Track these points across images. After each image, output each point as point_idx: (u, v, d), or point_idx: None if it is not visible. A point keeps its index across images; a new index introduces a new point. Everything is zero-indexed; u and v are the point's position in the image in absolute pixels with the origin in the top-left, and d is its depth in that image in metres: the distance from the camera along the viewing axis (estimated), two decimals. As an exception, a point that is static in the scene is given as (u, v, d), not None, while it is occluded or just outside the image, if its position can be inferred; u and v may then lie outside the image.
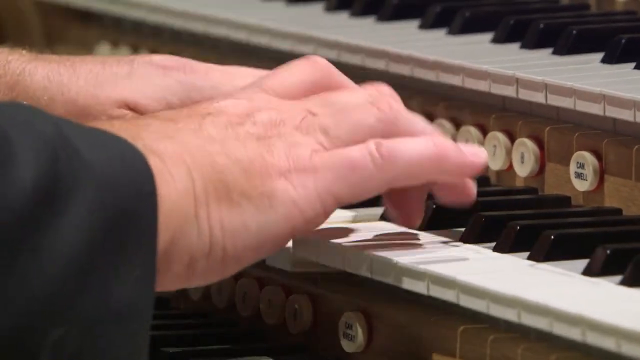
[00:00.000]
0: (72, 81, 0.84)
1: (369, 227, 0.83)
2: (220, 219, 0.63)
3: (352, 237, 0.79)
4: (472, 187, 0.74)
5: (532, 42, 0.95)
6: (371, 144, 0.69)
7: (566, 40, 0.92)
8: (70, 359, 0.54)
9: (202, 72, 0.85)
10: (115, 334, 0.56)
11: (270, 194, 0.66)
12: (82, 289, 0.54)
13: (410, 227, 0.78)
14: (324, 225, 0.77)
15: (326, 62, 0.77)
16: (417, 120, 0.75)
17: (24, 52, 0.87)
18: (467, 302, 0.68)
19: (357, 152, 0.69)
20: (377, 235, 0.80)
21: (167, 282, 0.62)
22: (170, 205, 0.60)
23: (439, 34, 1.03)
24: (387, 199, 0.77)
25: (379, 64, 0.98)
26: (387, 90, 0.74)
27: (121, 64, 0.86)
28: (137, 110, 0.82)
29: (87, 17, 1.42)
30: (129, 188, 0.57)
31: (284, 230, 0.68)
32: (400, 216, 0.77)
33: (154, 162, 0.60)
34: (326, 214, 0.70)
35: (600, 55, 0.90)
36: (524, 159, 0.86)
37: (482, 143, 0.90)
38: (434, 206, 0.80)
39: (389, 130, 0.71)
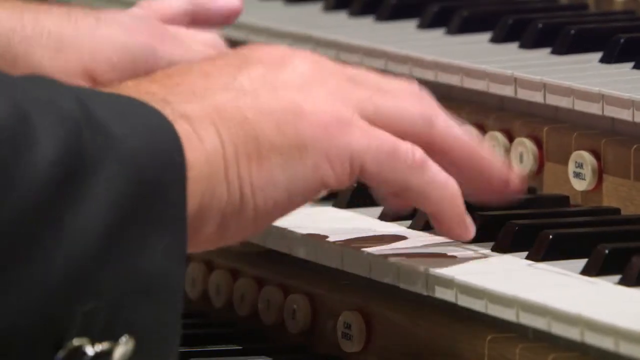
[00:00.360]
0: (35, 38, 0.82)
1: (367, 227, 0.83)
2: (250, 177, 0.63)
3: (351, 237, 0.79)
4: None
5: (531, 41, 0.95)
6: (417, 147, 0.68)
7: (565, 39, 0.92)
8: (101, 335, 0.53)
9: (169, 40, 0.85)
10: (145, 306, 0.55)
11: (301, 145, 0.65)
12: (108, 263, 0.54)
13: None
14: (323, 224, 0.77)
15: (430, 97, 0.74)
16: (456, 128, 0.73)
17: None
18: (465, 302, 0.68)
19: (404, 144, 0.67)
20: (375, 235, 0.80)
21: (200, 244, 0.62)
22: (200, 169, 0.60)
23: (438, 34, 1.03)
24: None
25: (378, 64, 0.98)
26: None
27: (86, 18, 0.84)
28: (95, 76, 0.81)
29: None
30: (156, 160, 0.57)
31: (312, 181, 0.66)
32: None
33: (181, 128, 0.59)
34: (351, 179, 0.68)
35: (598, 55, 0.89)
36: (522, 158, 0.86)
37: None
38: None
39: (427, 130, 0.70)
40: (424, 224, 0.80)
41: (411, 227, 0.81)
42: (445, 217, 0.71)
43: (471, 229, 0.72)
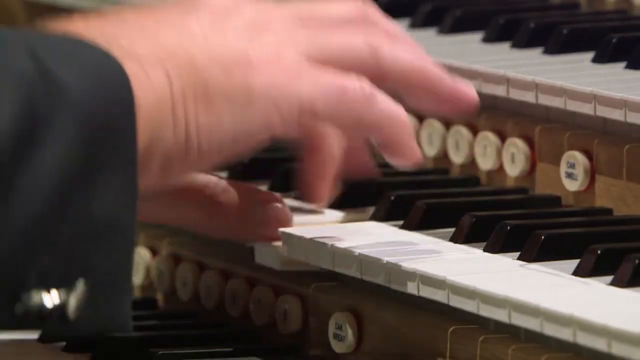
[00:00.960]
0: None
1: (358, 227, 0.83)
2: (197, 120, 0.64)
3: (341, 237, 0.79)
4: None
5: (523, 41, 0.95)
6: (365, 81, 0.69)
7: (557, 39, 0.92)
8: (57, 283, 0.54)
9: None
10: (99, 251, 0.56)
11: (249, 89, 0.66)
12: (64, 214, 0.55)
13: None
14: (314, 226, 0.77)
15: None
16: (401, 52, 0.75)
17: None
18: (457, 302, 0.68)
19: (351, 82, 0.69)
20: (366, 236, 0.80)
21: (145, 182, 0.62)
22: (148, 108, 0.61)
23: (430, 33, 1.03)
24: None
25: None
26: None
27: None
28: None
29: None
30: (107, 103, 0.58)
31: (259, 127, 0.68)
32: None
33: (130, 67, 0.60)
34: (300, 126, 0.70)
35: (591, 55, 0.89)
36: (514, 158, 0.86)
37: (472, 143, 0.90)
38: (425, 206, 0.80)
39: (374, 61, 0.72)
40: (416, 224, 0.80)
41: (403, 227, 0.81)
42: (397, 144, 0.73)
43: (419, 153, 0.75)
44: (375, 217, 0.84)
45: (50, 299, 0.54)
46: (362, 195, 0.87)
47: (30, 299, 0.53)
